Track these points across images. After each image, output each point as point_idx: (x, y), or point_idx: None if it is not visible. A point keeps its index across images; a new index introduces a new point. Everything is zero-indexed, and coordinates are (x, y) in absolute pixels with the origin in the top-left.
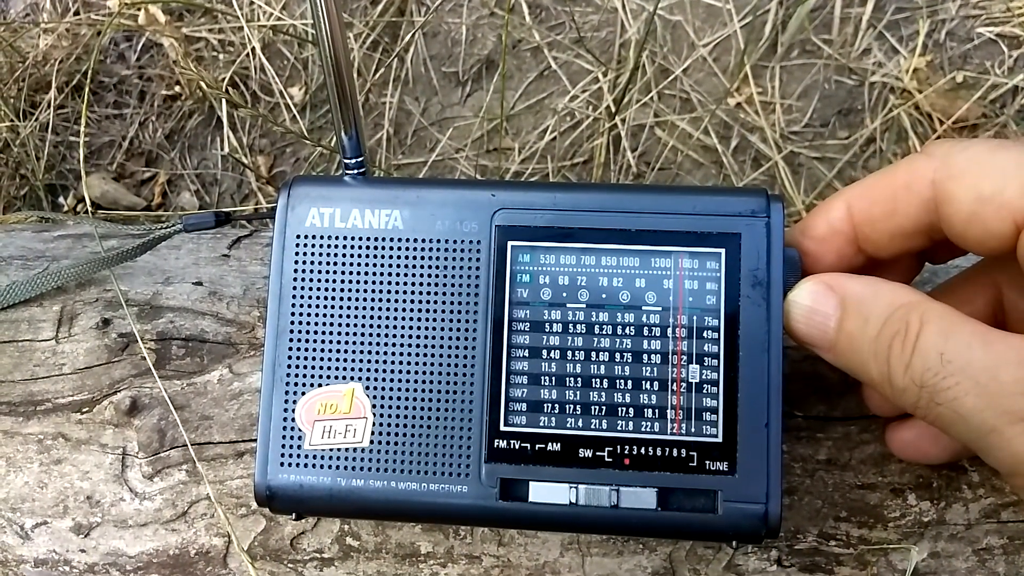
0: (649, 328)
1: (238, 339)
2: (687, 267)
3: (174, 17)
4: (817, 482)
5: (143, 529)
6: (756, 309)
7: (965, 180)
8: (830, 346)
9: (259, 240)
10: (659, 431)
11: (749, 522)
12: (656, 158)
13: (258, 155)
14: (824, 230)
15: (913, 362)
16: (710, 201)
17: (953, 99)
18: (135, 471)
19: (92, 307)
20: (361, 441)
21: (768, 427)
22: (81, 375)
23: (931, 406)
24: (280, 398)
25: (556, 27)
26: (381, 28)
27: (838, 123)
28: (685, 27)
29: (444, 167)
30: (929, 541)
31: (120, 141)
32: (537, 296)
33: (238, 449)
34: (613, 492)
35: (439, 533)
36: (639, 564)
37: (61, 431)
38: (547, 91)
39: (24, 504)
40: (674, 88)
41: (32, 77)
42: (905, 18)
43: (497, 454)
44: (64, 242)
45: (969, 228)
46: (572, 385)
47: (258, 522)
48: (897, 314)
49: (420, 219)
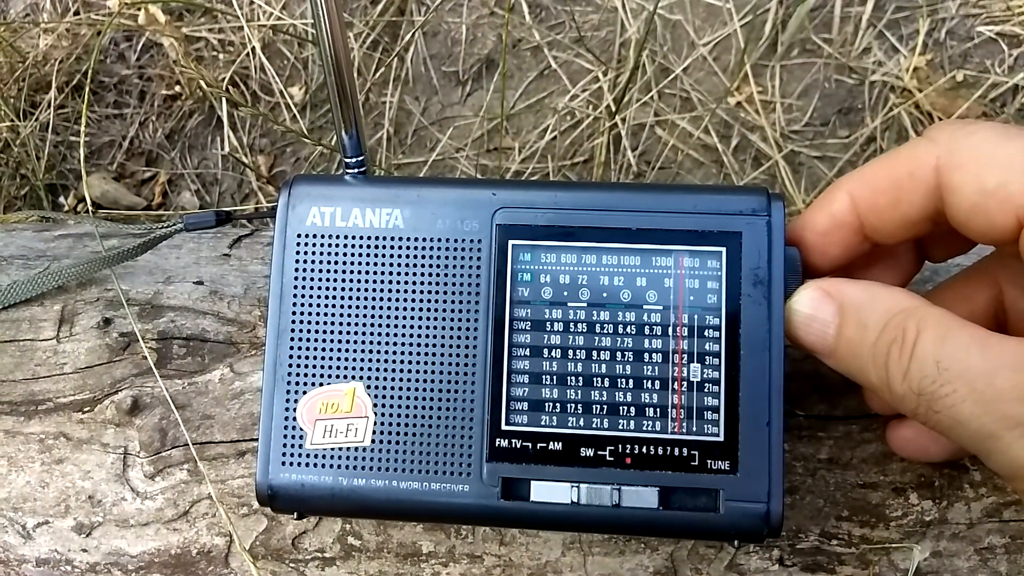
0: (650, 327)
1: (239, 338)
2: (688, 266)
3: (174, 17)
4: (819, 481)
5: (145, 528)
6: (757, 308)
7: (969, 171)
8: (830, 352)
9: (260, 239)
10: (660, 430)
11: (751, 521)
12: (656, 157)
13: (258, 155)
14: (826, 224)
15: (911, 369)
16: (711, 200)
17: (953, 98)
18: (136, 470)
19: (93, 306)
20: (362, 440)
21: (769, 426)
22: (82, 374)
23: (929, 413)
24: (281, 397)
25: (556, 26)
26: (381, 28)
27: (838, 122)
28: (685, 26)
29: (444, 167)
30: (931, 540)
31: (120, 141)
32: (538, 295)
33: (239, 448)
34: (614, 491)
35: (441, 533)
36: (641, 563)
37: (62, 430)
38: (547, 90)
39: (26, 504)
40: (674, 87)
41: (32, 77)
42: (905, 17)
43: (498, 453)
44: (65, 241)
45: (972, 219)
46: (573, 384)
47: (260, 521)
48: (894, 321)
49: (421, 218)
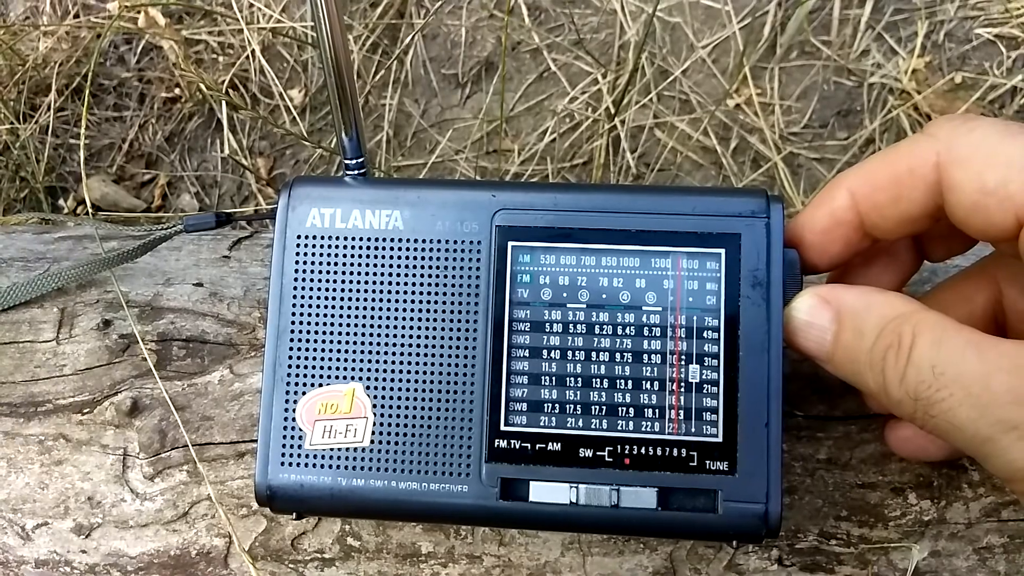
0: (649, 328)
1: (239, 340)
2: (687, 267)
3: (174, 20)
4: (817, 481)
5: (144, 530)
6: (756, 309)
7: (969, 169)
8: (828, 358)
9: (259, 241)
10: (659, 431)
11: (749, 522)
12: (656, 159)
13: (258, 157)
14: (826, 222)
15: (907, 375)
16: (710, 202)
17: (952, 100)
18: (136, 472)
19: (93, 308)
20: (362, 441)
21: (768, 427)
22: (82, 376)
23: (926, 418)
24: (281, 398)
25: (555, 29)
26: (381, 30)
27: (837, 124)
28: (684, 29)
29: (444, 169)
30: (930, 540)
31: (120, 143)
32: (537, 296)
33: (239, 450)
34: (613, 492)
35: (440, 533)
36: (640, 564)
37: (62, 432)
38: (546, 93)
39: (25, 505)
40: (673, 89)
41: (32, 80)
42: (904, 19)
43: (497, 454)
44: (65, 243)
45: (971, 217)
46: (572, 385)
47: (259, 522)
48: (890, 326)
49: (421, 219)
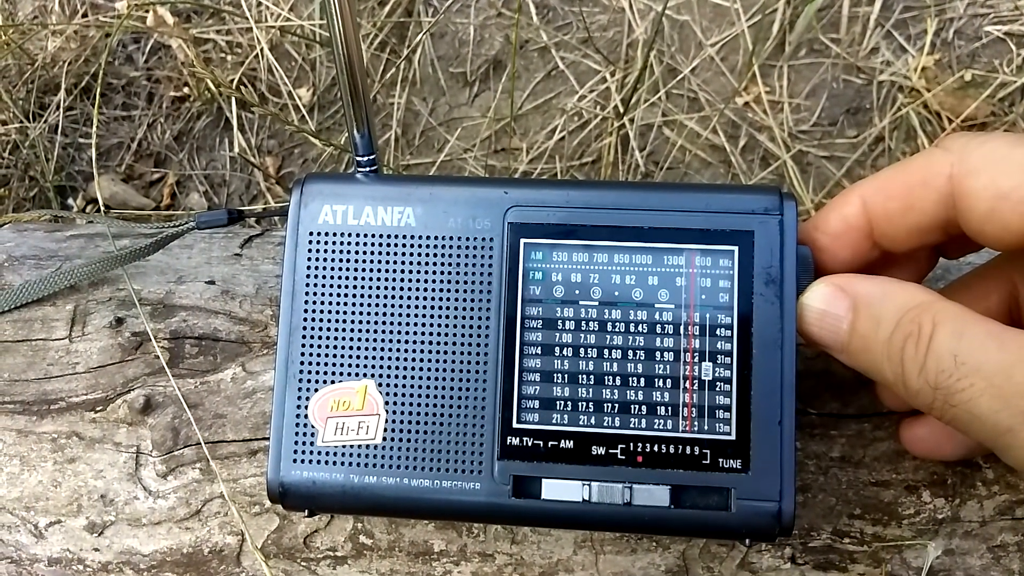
0: (662, 325)
1: (251, 337)
2: (700, 264)
3: (182, 19)
4: (831, 479)
5: (157, 528)
6: (769, 307)
7: (983, 176)
8: (843, 348)
9: (271, 239)
10: (672, 428)
11: (762, 520)
12: (664, 157)
13: (266, 156)
14: (838, 226)
15: (927, 364)
16: (723, 199)
17: (962, 97)
18: (149, 469)
19: (105, 306)
20: (374, 438)
21: (781, 424)
22: (95, 374)
23: (946, 408)
24: (293, 395)
25: (564, 27)
26: (389, 29)
27: (846, 122)
28: (693, 27)
29: (452, 167)
30: (944, 538)
31: (129, 143)
32: (550, 293)
33: (251, 447)
34: (626, 489)
35: (452, 531)
36: (652, 562)
37: (75, 430)
38: (555, 91)
39: (38, 503)
40: (682, 88)
41: (41, 79)
42: (913, 17)
43: (510, 451)
44: (77, 241)
45: (987, 224)
46: (585, 382)
47: (271, 520)
48: (909, 315)
49: (432, 216)
